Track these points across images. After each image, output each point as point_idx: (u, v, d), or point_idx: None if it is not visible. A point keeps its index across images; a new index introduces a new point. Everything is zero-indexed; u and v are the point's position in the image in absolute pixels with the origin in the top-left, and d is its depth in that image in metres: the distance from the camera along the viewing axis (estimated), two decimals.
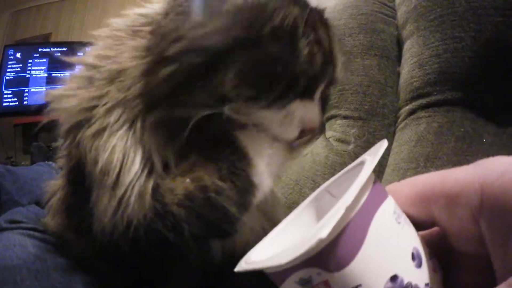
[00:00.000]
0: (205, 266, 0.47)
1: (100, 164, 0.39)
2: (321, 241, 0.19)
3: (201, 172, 0.39)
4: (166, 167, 0.41)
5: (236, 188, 0.39)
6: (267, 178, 0.42)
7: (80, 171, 0.41)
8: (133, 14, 0.45)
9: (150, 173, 0.40)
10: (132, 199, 0.38)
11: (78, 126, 0.41)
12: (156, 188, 0.39)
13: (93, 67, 0.43)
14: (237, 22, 0.37)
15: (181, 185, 0.39)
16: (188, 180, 0.39)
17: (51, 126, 0.45)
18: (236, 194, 0.39)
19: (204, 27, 0.37)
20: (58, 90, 0.45)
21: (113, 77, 0.41)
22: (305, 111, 0.41)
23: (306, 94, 0.41)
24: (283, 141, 0.42)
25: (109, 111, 0.40)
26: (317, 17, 0.41)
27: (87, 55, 0.45)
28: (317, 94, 0.42)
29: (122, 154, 0.39)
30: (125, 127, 0.40)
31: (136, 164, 0.39)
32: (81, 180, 0.42)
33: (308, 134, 0.42)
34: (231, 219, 0.39)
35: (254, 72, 0.38)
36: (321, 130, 0.91)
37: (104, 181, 0.39)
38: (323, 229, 0.19)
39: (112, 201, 0.38)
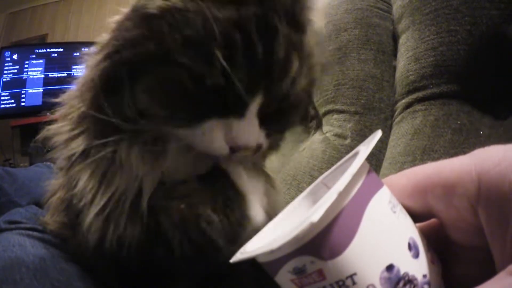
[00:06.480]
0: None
1: (77, 188, 0.39)
2: (312, 224, 0.19)
3: (197, 199, 0.39)
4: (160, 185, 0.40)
5: (229, 222, 0.39)
6: (260, 210, 0.41)
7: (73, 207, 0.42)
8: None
9: (139, 191, 0.39)
10: (122, 219, 0.38)
11: (67, 161, 0.41)
12: (151, 208, 0.39)
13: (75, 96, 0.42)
14: (151, 32, 0.33)
15: (177, 207, 0.39)
16: (183, 206, 0.38)
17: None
18: (227, 227, 0.39)
19: (130, 32, 0.35)
20: (51, 127, 0.44)
21: (78, 94, 0.41)
22: (230, 129, 0.36)
23: (230, 111, 0.35)
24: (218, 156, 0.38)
25: (78, 136, 0.40)
26: (256, 18, 0.33)
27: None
28: (251, 111, 0.36)
29: (99, 176, 0.39)
30: (104, 150, 0.38)
31: (115, 183, 0.39)
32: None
33: (243, 150, 0.37)
34: (217, 248, 0.39)
35: (163, 90, 0.34)
36: (318, 125, 0.91)
37: (81, 203, 0.39)
38: (315, 214, 0.19)
39: (95, 218, 0.38)
